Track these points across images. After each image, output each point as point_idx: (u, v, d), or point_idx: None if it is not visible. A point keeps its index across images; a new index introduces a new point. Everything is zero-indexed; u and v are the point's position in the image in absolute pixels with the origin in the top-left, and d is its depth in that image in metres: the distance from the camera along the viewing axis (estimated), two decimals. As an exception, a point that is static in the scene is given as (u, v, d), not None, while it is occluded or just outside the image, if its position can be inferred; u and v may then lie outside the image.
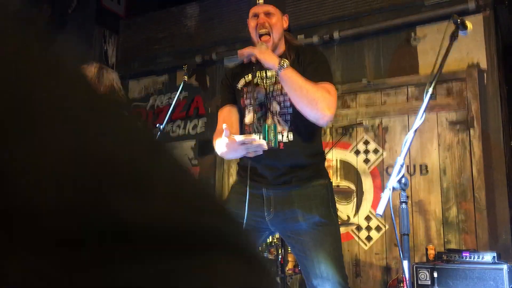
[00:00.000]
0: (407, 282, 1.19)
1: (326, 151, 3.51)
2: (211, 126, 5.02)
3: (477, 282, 2.86)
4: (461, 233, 3.69)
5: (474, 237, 3.61)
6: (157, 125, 1.93)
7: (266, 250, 3.10)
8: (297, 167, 1.87)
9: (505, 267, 2.82)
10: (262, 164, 1.89)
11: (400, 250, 1.24)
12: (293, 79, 1.77)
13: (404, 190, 1.30)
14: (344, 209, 4.20)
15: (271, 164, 1.88)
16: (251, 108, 1.93)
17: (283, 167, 1.86)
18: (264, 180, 1.89)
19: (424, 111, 1.36)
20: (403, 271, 1.22)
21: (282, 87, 1.86)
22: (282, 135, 1.86)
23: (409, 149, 1.33)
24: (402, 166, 1.30)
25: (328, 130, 4.38)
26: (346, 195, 4.22)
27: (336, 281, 1.75)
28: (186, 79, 2.00)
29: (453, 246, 3.65)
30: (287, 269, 3.15)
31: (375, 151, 4.18)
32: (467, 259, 2.98)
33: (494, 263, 2.90)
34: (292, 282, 3.79)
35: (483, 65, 3.82)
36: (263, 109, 1.91)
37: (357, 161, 4.26)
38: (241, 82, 2.01)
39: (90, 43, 5.60)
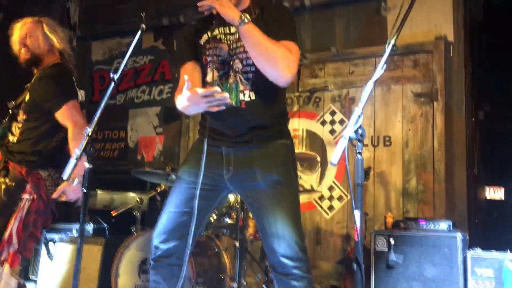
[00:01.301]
0: (358, 231, 1.17)
1: (291, 120, 3.46)
2: (177, 92, 4.90)
3: (431, 249, 2.91)
4: (419, 203, 3.75)
5: (432, 207, 3.68)
6: (111, 75, 1.83)
7: (226, 214, 3.06)
8: (258, 127, 1.82)
9: (459, 235, 2.88)
10: (223, 123, 1.84)
11: (353, 199, 1.22)
12: (253, 35, 1.69)
13: (360, 141, 1.27)
14: (308, 179, 4.20)
15: (232, 124, 1.82)
16: (213, 65, 1.85)
17: (244, 127, 1.81)
18: (224, 138, 1.84)
19: (385, 62, 1.32)
20: (354, 221, 1.19)
21: None
22: (244, 94, 1.80)
23: (366, 102, 1.29)
24: (360, 116, 1.27)
25: (295, 99, 4.34)
26: (310, 164, 4.22)
27: (292, 239, 1.73)
28: (143, 27, 1.89)
29: (411, 215, 3.72)
30: (247, 234, 3.13)
31: (342, 121, 4.18)
32: (423, 227, 3.03)
33: (449, 231, 2.96)
34: (253, 249, 3.79)
35: (450, 37, 3.84)
36: (225, 67, 1.84)
37: (323, 132, 4.25)
38: (204, 38, 1.92)
39: (52, 0, 5.34)
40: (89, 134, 1.71)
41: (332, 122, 4.22)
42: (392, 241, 3.01)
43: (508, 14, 5.17)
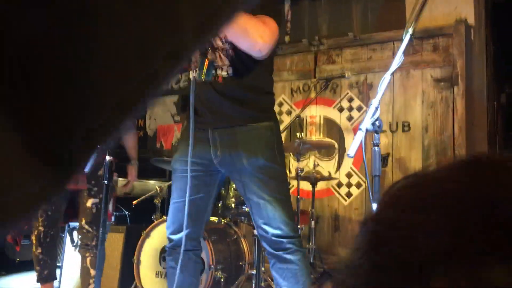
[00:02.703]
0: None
1: (307, 106, 3.44)
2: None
3: (451, 236, 2.90)
4: (439, 189, 3.71)
5: (452, 194, 3.64)
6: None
7: (244, 202, 3.09)
8: (237, 103, 1.85)
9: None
10: (203, 99, 1.88)
11: (370, 191, 1.22)
12: None
13: (377, 132, 1.26)
14: (326, 165, 4.20)
15: (212, 98, 1.86)
16: None
17: (223, 101, 1.85)
18: (208, 119, 1.88)
19: (403, 53, 1.31)
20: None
21: None
22: (222, 69, 1.83)
23: (383, 94, 1.28)
24: (377, 108, 1.26)
25: (312, 86, 4.32)
26: (328, 151, 4.21)
27: (282, 221, 1.78)
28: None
29: (431, 202, 3.69)
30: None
31: (359, 108, 4.14)
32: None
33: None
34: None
35: (471, 20, 3.75)
36: (206, 45, 1.88)
37: (341, 118, 4.23)
38: None
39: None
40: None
41: (350, 109, 4.19)
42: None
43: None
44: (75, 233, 3.36)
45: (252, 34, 1.71)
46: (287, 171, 4.35)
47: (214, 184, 1.95)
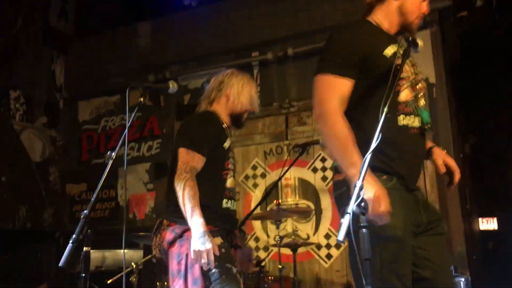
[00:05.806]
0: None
1: (284, 170, 3.43)
2: (167, 147, 4.90)
3: (436, 297, 2.87)
4: (418, 246, 3.72)
5: (431, 250, 3.65)
6: (108, 153, 1.82)
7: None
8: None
9: (462, 279, 2.85)
10: (413, 152, 1.65)
11: (363, 276, 1.20)
12: None
13: (364, 214, 1.26)
14: (304, 228, 4.16)
15: (421, 152, 1.71)
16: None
17: (424, 156, 1.76)
18: (416, 176, 1.70)
19: (380, 131, 1.34)
20: (365, 300, 1.17)
21: None
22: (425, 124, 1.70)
23: (365, 174, 1.30)
24: (361, 189, 1.26)
25: (285, 148, 4.36)
26: (305, 213, 4.19)
27: None
28: (142, 100, 1.91)
29: (411, 260, 3.67)
30: None
31: (333, 168, 4.18)
32: (426, 274, 2.99)
33: (452, 276, 2.93)
34: None
35: (432, 79, 3.93)
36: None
37: (315, 179, 4.25)
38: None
39: (38, 63, 5.38)
40: (86, 216, 1.68)
41: (323, 169, 4.23)
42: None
43: (485, 53, 5.33)
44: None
45: None
46: (266, 237, 4.29)
47: (439, 244, 1.69)
